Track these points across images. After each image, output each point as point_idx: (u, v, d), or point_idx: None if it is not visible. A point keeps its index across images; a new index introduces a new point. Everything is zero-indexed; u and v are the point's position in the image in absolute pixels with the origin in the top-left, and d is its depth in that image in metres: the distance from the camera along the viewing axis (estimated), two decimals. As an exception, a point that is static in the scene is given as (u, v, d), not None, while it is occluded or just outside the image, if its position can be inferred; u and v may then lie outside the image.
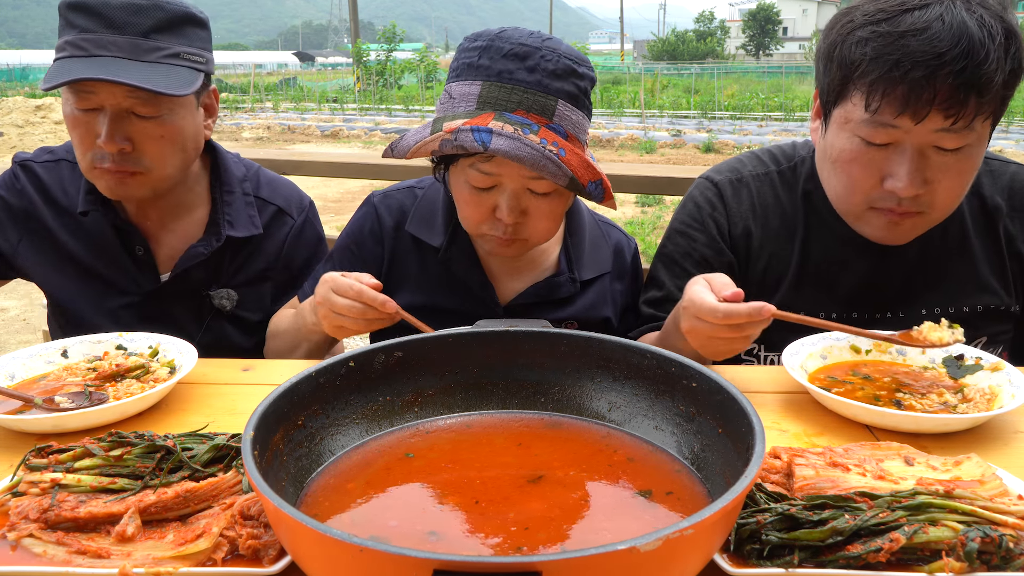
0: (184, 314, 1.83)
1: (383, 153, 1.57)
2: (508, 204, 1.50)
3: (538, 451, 1.02)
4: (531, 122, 1.43)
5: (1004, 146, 15.09)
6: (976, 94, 1.34)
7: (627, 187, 3.32)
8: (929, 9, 1.36)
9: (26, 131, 16.86)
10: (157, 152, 1.67)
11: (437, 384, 1.11)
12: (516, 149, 1.38)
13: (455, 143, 1.41)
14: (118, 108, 1.62)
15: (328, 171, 4.00)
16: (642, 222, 9.23)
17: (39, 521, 0.93)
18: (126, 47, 1.59)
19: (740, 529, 0.89)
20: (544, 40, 1.48)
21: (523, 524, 0.86)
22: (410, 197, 1.77)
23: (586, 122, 1.53)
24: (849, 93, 1.44)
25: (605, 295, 1.76)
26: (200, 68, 1.69)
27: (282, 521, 0.72)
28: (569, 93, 1.47)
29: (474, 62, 1.48)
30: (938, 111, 1.35)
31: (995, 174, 1.70)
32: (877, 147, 1.44)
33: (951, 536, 0.87)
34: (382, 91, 32.24)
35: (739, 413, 0.88)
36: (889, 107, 1.38)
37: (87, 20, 1.59)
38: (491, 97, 1.45)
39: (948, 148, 1.41)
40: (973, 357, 1.41)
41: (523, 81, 1.44)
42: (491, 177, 1.49)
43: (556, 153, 1.41)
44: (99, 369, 1.41)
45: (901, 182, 1.42)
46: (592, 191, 1.48)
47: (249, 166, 1.96)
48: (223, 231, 1.82)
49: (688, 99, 26.79)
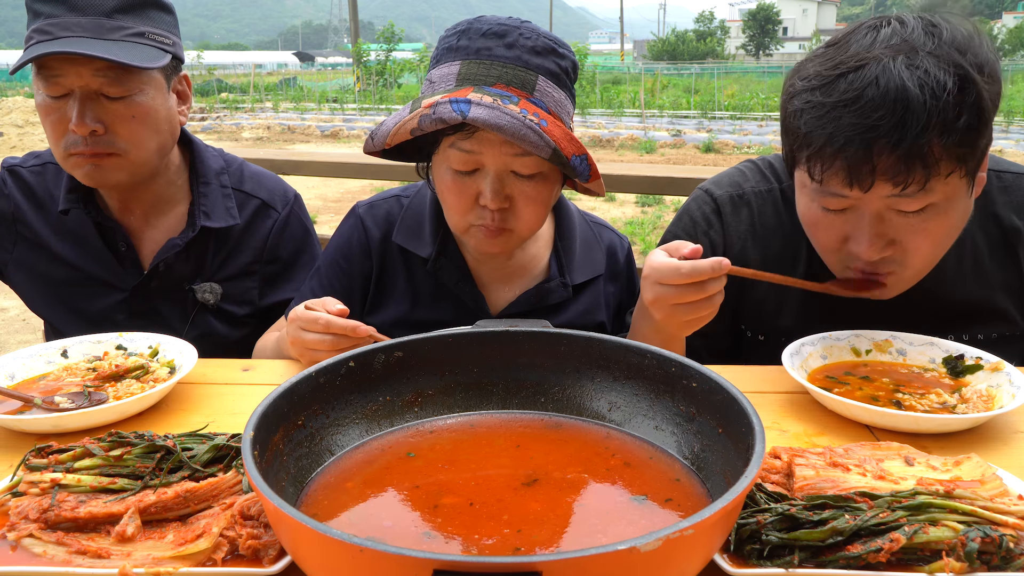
0: (170, 309, 1.84)
1: (364, 148, 1.55)
2: (492, 187, 1.45)
3: (536, 453, 1.02)
4: (511, 94, 1.40)
5: (1004, 146, 15.06)
6: (920, 162, 1.24)
7: (627, 187, 3.32)
8: (865, 70, 1.26)
9: (26, 131, 16.85)
10: (130, 133, 1.67)
11: (437, 384, 1.11)
12: (495, 118, 1.34)
13: (433, 117, 1.37)
14: (87, 90, 1.62)
15: (328, 171, 4.00)
16: (642, 222, 9.23)
17: (39, 521, 0.93)
18: (90, 27, 1.61)
19: (740, 529, 0.89)
20: (523, 22, 1.47)
21: (517, 526, 0.86)
22: (396, 206, 1.74)
23: (569, 104, 1.50)
24: (799, 160, 1.38)
25: (598, 299, 1.73)
26: (167, 49, 1.69)
27: (282, 521, 0.72)
28: (550, 70, 1.45)
29: (453, 44, 1.47)
30: (883, 181, 1.27)
31: (1009, 190, 1.58)
32: (835, 213, 1.38)
33: (951, 536, 0.87)
34: (382, 91, 32.23)
35: (739, 413, 0.88)
36: (832, 179, 1.31)
37: (51, 7, 1.61)
38: (470, 73, 1.43)
39: (908, 211, 1.32)
40: (973, 357, 1.41)
41: (502, 56, 1.43)
42: (473, 157, 1.45)
43: (537, 123, 1.36)
44: (99, 369, 1.41)
45: (861, 246, 1.35)
46: (577, 166, 1.42)
47: (230, 160, 1.96)
48: (198, 222, 1.82)
49: (688, 99, 26.80)
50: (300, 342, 1.40)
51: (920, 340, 1.48)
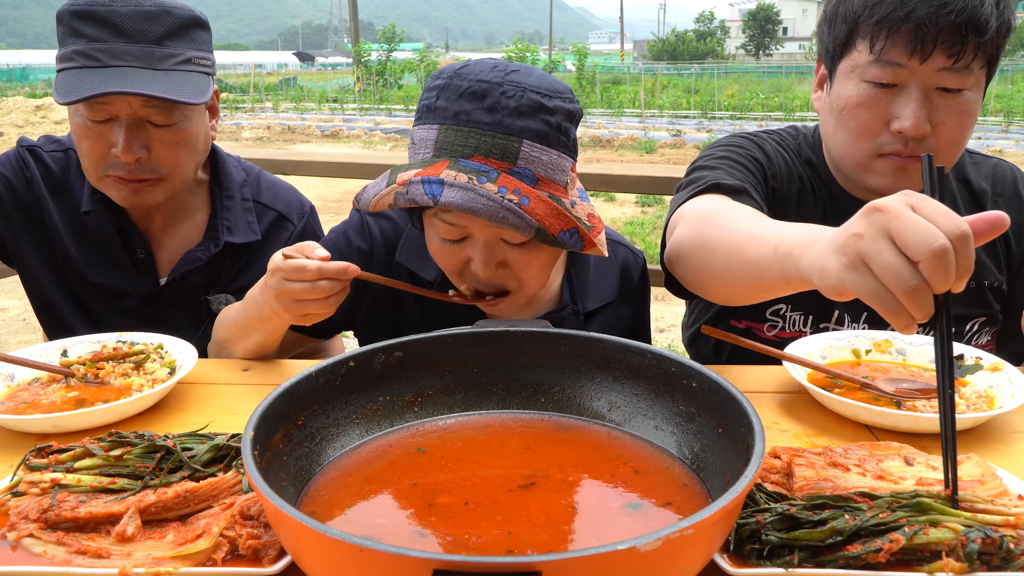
0: (182, 318, 1.82)
1: (352, 204, 1.48)
2: (482, 257, 1.38)
3: (542, 455, 1.02)
4: (489, 168, 1.29)
5: (1004, 146, 15.07)
6: (976, 34, 1.42)
7: (627, 187, 3.32)
8: None
9: (26, 131, 16.86)
10: (173, 158, 1.66)
11: (437, 384, 1.11)
12: (469, 201, 1.25)
13: (407, 197, 1.29)
14: (134, 117, 1.60)
15: (328, 171, 4.00)
16: (642, 222, 9.23)
17: (39, 521, 0.93)
18: (140, 56, 1.57)
19: (740, 529, 0.89)
20: (508, 73, 1.33)
21: (510, 527, 0.86)
22: (404, 217, 1.65)
23: (564, 160, 1.36)
24: (854, 42, 1.51)
25: (611, 324, 1.66)
26: (209, 72, 1.69)
27: (282, 521, 0.72)
28: (536, 131, 1.31)
29: (432, 103, 1.35)
30: (941, 50, 1.43)
31: (979, 165, 1.80)
32: (883, 90, 1.50)
33: (951, 537, 0.87)
34: (382, 91, 32.24)
35: (739, 413, 0.88)
36: (894, 47, 1.45)
37: (96, 29, 1.56)
38: (447, 143, 1.31)
39: (951, 88, 1.47)
40: (973, 357, 1.41)
41: (480, 123, 1.30)
42: (459, 228, 1.38)
43: (518, 202, 1.26)
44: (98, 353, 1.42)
45: (908, 121, 1.47)
46: (566, 240, 1.32)
47: (249, 170, 1.95)
48: (222, 237, 1.81)
49: (688, 99, 26.80)
50: (287, 293, 1.33)
51: (920, 340, 1.48)
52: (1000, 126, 19.20)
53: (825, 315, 1.72)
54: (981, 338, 1.75)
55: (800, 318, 1.74)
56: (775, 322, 1.75)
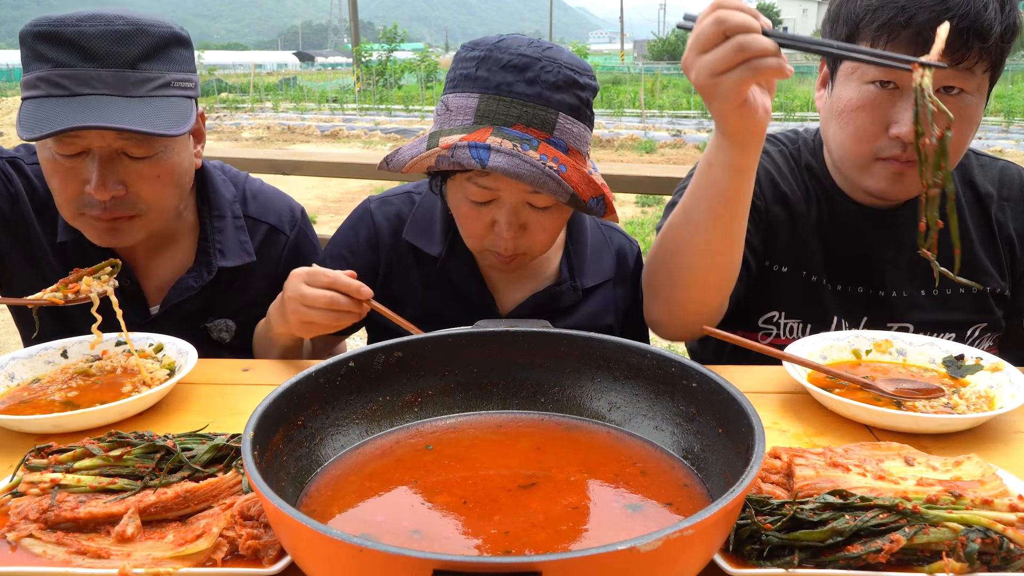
0: None
1: (379, 166, 1.55)
2: (507, 219, 1.48)
3: (545, 455, 1.02)
4: (531, 137, 1.39)
5: (1004, 146, 15.06)
6: (979, 39, 1.41)
7: (627, 187, 3.33)
8: None
9: (26, 131, 16.83)
10: (153, 193, 1.52)
11: (437, 384, 1.11)
12: (515, 167, 1.35)
13: (452, 160, 1.38)
14: (108, 150, 1.45)
15: (328, 171, 4.00)
16: (642, 222, 9.24)
17: (39, 521, 0.93)
18: (112, 82, 1.41)
19: (740, 529, 0.89)
20: (544, 50, 1.43)
21: (507, 527, 0.86)
22: (408, 203, 1.74)
23: (587, 133, 1.49)
24: (860, 37, 1.50)
25: (608, 302, 1.74)
26: (191, 95, 1.53)
27: (282, 521, 0.72)
28: (570, 105, 1.43)
29: (471, 73, 1.43)
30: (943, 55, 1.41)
31: (986, 168, 1.78)
32: (883, 93, 1.49)
33: (951, 537, 0.87)
34: (382, 91, 32.23)
35: (739, 413, 0.88)
36: (895, 50, 1.43)
37: (63, 53, 1.40)
38: (489, 111, 1.41)
39: (951, 88, 1.47)
40: (973, 357, 1.41)
41: (522, 94, 1.40)
42: (490, 191, 1.47)
43: (556, 169, 1.37)
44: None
45: (906, 127, 1.46)
46: (593, 207, 1.45)
47: (236, 181, 1.83)
48: (214, 262, 1.70)
49: (688, 99, 26.78)
50: (299, 296, 1.41)
51: (920, 340, 1.48)
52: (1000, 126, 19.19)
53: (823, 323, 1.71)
54: (982, 344, 1.74)
55: (798, 325, 1.73)
56: (768, 330, 1.75)
